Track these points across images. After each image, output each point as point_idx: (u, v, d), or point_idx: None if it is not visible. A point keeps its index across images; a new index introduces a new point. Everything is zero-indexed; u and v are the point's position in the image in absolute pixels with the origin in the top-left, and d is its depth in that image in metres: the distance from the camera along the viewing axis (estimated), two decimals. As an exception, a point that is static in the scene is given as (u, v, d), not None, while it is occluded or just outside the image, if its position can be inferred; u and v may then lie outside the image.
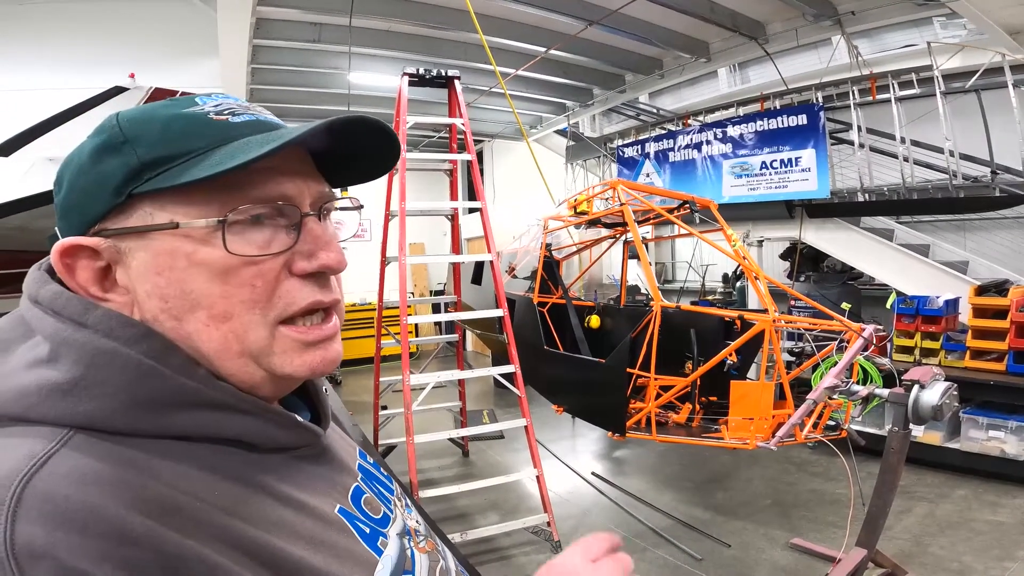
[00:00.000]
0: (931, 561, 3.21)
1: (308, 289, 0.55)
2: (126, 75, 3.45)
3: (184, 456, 0.49)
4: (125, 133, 0.51)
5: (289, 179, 0.55)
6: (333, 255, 0.56)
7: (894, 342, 4.78)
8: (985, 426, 4.16)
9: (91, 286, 0.52)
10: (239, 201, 0.52)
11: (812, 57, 6.44)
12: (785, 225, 5.97)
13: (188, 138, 0.51)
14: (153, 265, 0.51)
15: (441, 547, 0.74)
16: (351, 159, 0.62)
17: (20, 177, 2.82)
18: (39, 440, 0.45)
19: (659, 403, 3.58)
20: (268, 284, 0.53)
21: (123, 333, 0.50)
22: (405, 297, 3.60)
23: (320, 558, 0.51)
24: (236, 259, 0.51)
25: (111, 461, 0.45)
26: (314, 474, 0.60)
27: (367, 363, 5.76)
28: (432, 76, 4.04)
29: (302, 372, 0.56)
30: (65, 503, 0.40)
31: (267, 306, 0.53)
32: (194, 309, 0.52)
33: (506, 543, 3.64)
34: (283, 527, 0.51)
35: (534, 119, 9.00)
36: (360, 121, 0.56)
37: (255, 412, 0.54)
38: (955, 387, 2.64)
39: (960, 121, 4.72)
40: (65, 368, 0.48)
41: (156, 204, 0.51)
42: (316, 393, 0.70)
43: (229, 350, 0.53)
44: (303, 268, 0.54)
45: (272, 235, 0.53)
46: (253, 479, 0.52)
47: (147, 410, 0.49)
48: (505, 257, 5.52)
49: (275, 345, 0.54)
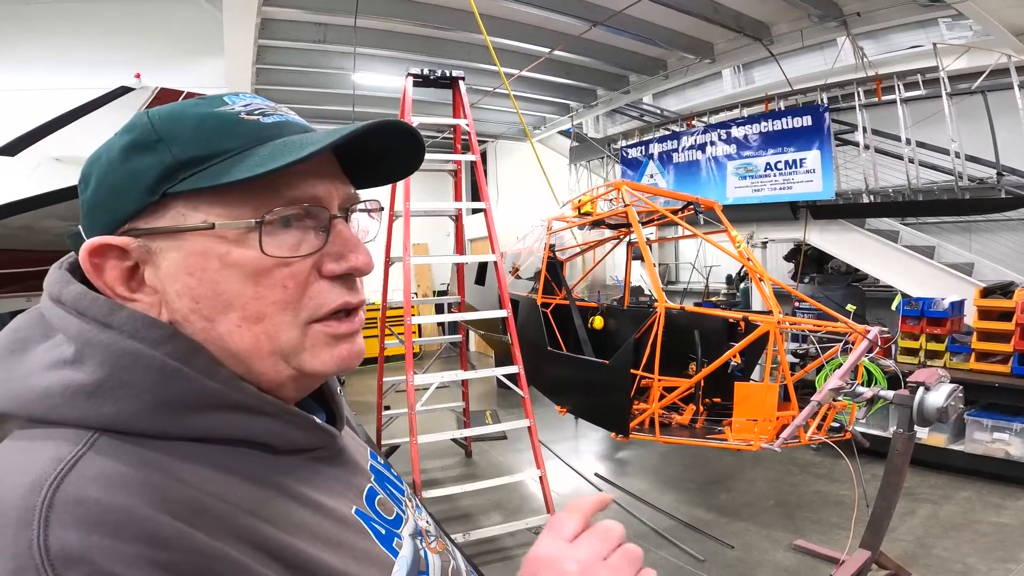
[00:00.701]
0: (935, 563, 3.19)
1: (337, 291, 0.55)
2: (132, 75, 3.47)
3: (206, 458, 0.49)
4: (158, 131, 0.51)
5: (320, 181, 0.55)
6: (362, 257, 0.56)
7: (899, 344, 4.76)
8: (990, 428, 4.14)
9: (118, 286, 0.52)
10: (274, 203, 0.52)
11: (817, 58, 6.43)
12: (789, 226, 5.96)
13: (222, 138, 0.51)
14: (185, 266, 0.51)
15: (451, 547, 0.74)
16: (375, 161, 0.62)
17: (26, 177, 2.83)
18: (65, 443, 0.45)
19: (663, 404, 3.57)
20: (299, 285, 0.53)
21: (148, 335, 0.50)
22: (409, 297, 3.61)
23: (339, 559, 0.51)
24: (269, 261, 0.52)
25: (137, 464, 0.45)
26: (331, 476, 0.60)
27: (371, 364, 5.77)
28: (436, 77, 4.05)
29: (330, 366, 0.56)
30: (97, 507, 0.40)
31: (298, 307, 0.53)
32: (227, 310, 0.52)
33: (509, 543, 3.65)
34: (303, 528, 0.51)
35: (538, 120, 9.00)
36: (393, 125, 0.56)
37: (275, 413, 0.54)
38: (960, 389, 2.63)
39: (966, 122, 4.70)
40: (90, 369, 0.48)
41: (190, 204, 0.51)
42: (332, 394, 0.70)
43: (260, 350, 0.53)
44: (332, 270, 0.55)
45: (302, 237, 0.53)
46: (273, 480, 0.53)
47: (170, 412, 0.49)
48: (509, 258, 5.52)
49: (306, 342, 0.55)
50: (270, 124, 0.54)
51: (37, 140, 3.11)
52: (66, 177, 2.85)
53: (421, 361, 7.33)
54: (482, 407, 6.54)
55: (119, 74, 3.46)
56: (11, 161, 3.02)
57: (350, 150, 0.59)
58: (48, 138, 3.13)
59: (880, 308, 5.58)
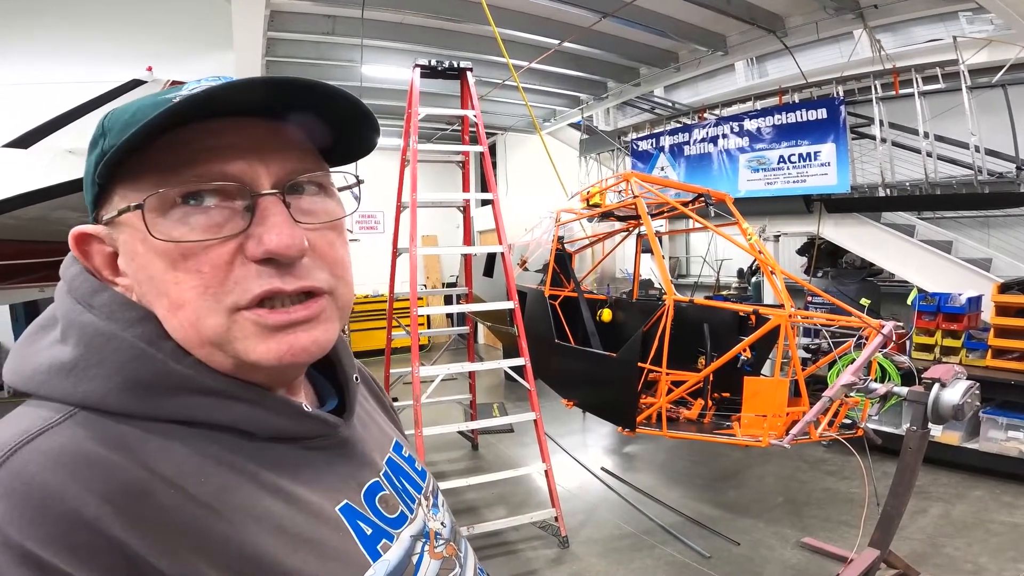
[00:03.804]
0: (945, 562, 3.14)
1: (264, 277, 0.50)
2: (144, 68, 3.51)
3: (178, 440, 0.49)
4: (104, 126, 0.52)
5: (239, 156, 0.51)
6: (277, 238, 0.49)
7: (914, 340, 4.68)
8: (1005, 426, 4.07)
9: (104, 270, 0.54)
10: (173, 183, 0.49)
11: (833, 51, 6.31)
12: (803, 220, 5.88)
13: (136, 123, 0.48)
14: (126, 251, 0.52)
15: (463, 554, 0.70)
16: (340, 131, 0.58)
17: (39, 169, 2.87)
18: (41, 416, 0.46)
19: (671, 398, 3.54)
20: (217, 270, 0.50)
21: (122, 316, 0.51)
22: (416, 288, 3.60)
23: (299, 557, 0.50)
24: (179, 245, 0.49)
25: (101, 441, 0.45)
26: (323, 467, 0.58)
27: (378, 355, 5.79)
28: (444, 68, 4.02)
29: (269, 359, 0.51)
30: (30, 480, 0.41)
31: (220, 292, 0.50)
32: (159, 295, 0.51)
33: (514, 537, 3.64)
34: (265, 520, 0.50)
35: (547, 112, 8.95)
36: (289, 82, 0.50)
37: (248, 399, 0.53)
38: (977, 386, 2.57)
39: (985, 116, 4.61)
40: (70, 348, 0.50)
41: (121, 192, 0.51)
42: (346, 382, 0.67)
43: (189, 338, 0.51)
44: (252, 253, 0.50)
45: (225, 218, 0.50)
46: (244, 467, 0.51)
47: (141, 392, 0.49)
48: (517, 250, 5.50)
49: (234, 331, 0.51)
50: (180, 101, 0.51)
51: (50, 133, 3.15)
52: (79, 169, 2.88)
53: (429, 353, 7.34)
54: (489, 400, 6.53)
55: (132, 67, 3.50)
56: (24, 153, 3.06)
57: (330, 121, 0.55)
58: (61, 131, 3.17)
59: (895, 303, 5.50)
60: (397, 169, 4.35)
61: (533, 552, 3.48)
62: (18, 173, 2.90)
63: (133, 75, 3.51)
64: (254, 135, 0.52)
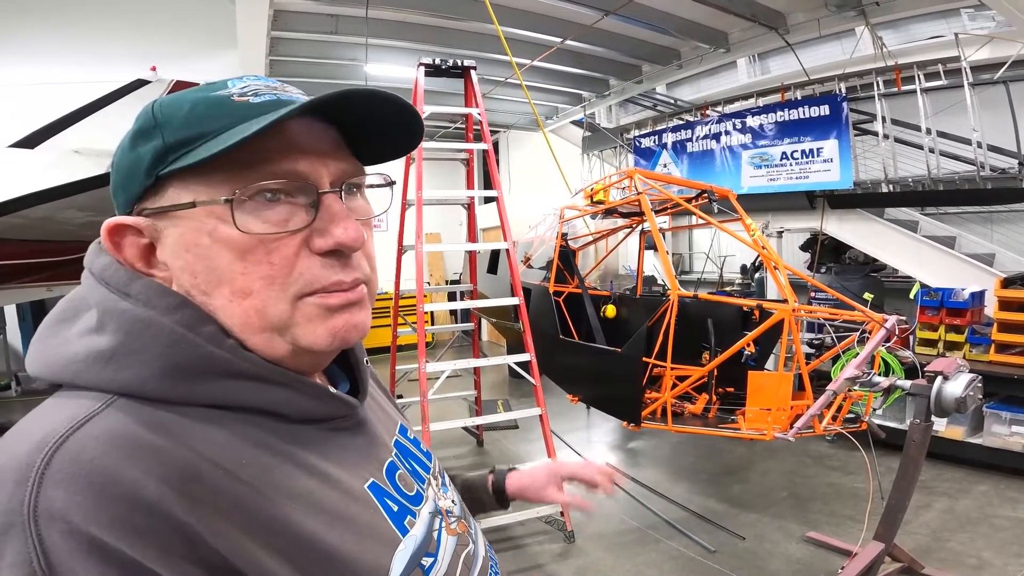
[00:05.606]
0: (949, 556, 3.16)
1: (329, 268, 0.55)
2: (148, 68, 3.51)
3: (217, 424, 0.51)
4: (156, 118, 0.53)
5: (304, 156, 0.54)
6: (345, 232, 0.54)
7: (917, 335, 4.69)
8: (1008, 421, 4.08)
9: (137, 262, 0.55)
10: (250, 179, 0.52)
11: (835, 48, 6.32)
12: (805, 216, 5.89)
13: (207, 120, 0.52)
14: (183, 243, 0.53)
15: (473, 530, 0.74)
16: (378, 134, 0.61)
17: (45, 169, 2.88)
18: (82, 405, 0.47)
19: (675, 393, 3.55)
20: (285, 261, 0.53)
21: (160, 303, 0.52)
22: (422, 285, 3.62)
23: (336, 534, 0.52)
24: (251, 237, 0.52)
25: (145, 426, 0.47)
26: (348, 446, 0.60)
27: (383, 352, 5.81)
28: (448, 66, 4.04)
29: (325, 340, 0.55)
30: (89, 466, 0.42)
31: (286, 283, 0.53)
32: (220, 285, 0.53)
33: (519, 532, 3.66)
34: (304, 499, 0.52)
35: (550, 110, 8.96)
36: (370, 93, 0.55)
37: (283, 383, 0.55)
38: (979, 379, 2.58)
39: (987, 112, 4.61)
40: (108, 336, 0.50)
41: (182, 185, 0.53)
42: (357, 364, 0.71)
43: (251, 324, 0.54)
44: (320, 246, 0.54)
45: (290, 213, 0.53)
46: (281, 449, 0.53)
47: (180, 377, 0.50)
48: (521, 246, 5.52)
49: (297, 315, 0.54)
50: (258, 103, 0.54)
51: (56, 133, 3.16)
52: (85, 168, 2.88)
53: (434, 350, 7.36)
54: (494, 396, 6.55)
55: (136, 67, 3.50)
56: (31, 153, 3.07)
57: (350, 125, 0.59)
58: (66, 131, 3.18)
59: (898, 298, 5.51)
60: (402, 167, 4.37)
61: (539, 547, 3.51)
62: (25, 173, 2.91)
63: (137, 75, 3.52)
64: (316, 136, 0.56)
